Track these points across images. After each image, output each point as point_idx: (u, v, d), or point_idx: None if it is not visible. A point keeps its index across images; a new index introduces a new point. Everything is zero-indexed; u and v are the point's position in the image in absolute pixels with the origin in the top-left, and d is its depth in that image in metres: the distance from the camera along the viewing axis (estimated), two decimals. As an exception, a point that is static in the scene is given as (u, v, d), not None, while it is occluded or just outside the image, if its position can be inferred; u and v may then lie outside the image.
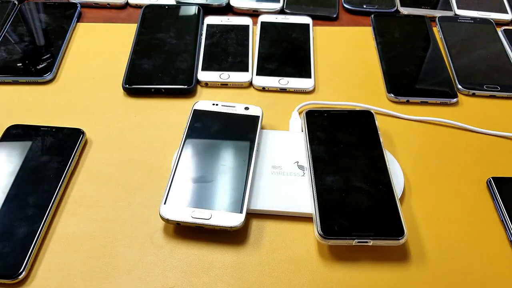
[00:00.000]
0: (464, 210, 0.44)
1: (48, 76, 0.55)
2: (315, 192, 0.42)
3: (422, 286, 0.39)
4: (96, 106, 0.53)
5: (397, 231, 0.39)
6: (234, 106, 0.49)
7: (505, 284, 0.39)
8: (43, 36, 0.60)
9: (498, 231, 0.43)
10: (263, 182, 0.44)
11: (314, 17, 0.64)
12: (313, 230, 0.42)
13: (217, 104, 0.50)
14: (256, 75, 0.56)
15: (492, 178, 0.45)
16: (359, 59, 0.60)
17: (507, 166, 0.48)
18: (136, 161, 0.47)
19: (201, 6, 0.64)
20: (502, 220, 0.43)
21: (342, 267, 0.39)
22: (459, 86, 0.56)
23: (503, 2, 0.69)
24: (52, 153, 0.46)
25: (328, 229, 0.39)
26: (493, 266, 0.40)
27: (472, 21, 0.65)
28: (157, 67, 0.56)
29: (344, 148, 0.45)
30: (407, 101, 0.54)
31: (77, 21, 0.63)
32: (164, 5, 0.65)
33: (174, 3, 0.65)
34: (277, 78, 0.55)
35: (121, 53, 0.58)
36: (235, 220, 0.40)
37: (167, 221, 0.40)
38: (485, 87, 0.56)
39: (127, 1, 0.67)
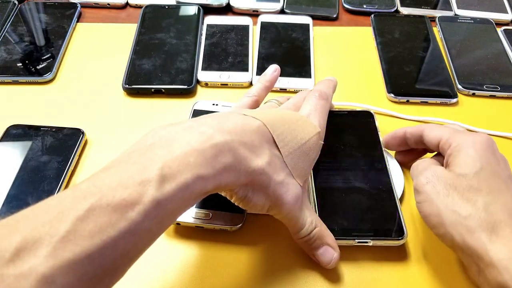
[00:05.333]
0: (464, 210, 0.44)
1: (48, 76, 0.55)
2: (315, 192, 0.42)
3: (421, 286, 0.39)
4: (96, 106, 0.53)
5: (397, 231, 0.39)
6: (234, 106, 0.49)
7: (505, 284, 0.39)
8: (43, 36, 0.60)
9: (498, 231, 0.42)
10: (263, 182, 0.44)
11: (314, 17, 0.64)
12: (313, 230, 0.42)
13: (217, 104, 0.50)
14: (256, 75, 0.56)
15: (492, 178, 0.45)
16: (359, 59, 0.60)
17: (507, 166, 0.48)
18: (136, 161, 0.47)
19: (201, 6, 0.64)
20: (502, 220, 0.43)
21: (342, 267, 0.39)
22: (459, 86, 0.56)
23: (503, 2, 0.69)
24: (52, 153, 0.46)
25: (328, 229, 0.38)
26: (493, 266, 0.40)
27: (472, 21, 0.65)
28: (157, 67, 0.56)
29: (344, 148, 0.45)
30: (407, 101, 0.54)
31: (77, 21, 0.63)
32: (164, 5, 0.64)
33: (174, 3, 0.65)
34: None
35: (121, 53, 0.58)
36: (235, 220, 0.40)
37: (167, 221, 0.40)
38: (485, 87, 0.56)
39: (127, 1, 0.67)
